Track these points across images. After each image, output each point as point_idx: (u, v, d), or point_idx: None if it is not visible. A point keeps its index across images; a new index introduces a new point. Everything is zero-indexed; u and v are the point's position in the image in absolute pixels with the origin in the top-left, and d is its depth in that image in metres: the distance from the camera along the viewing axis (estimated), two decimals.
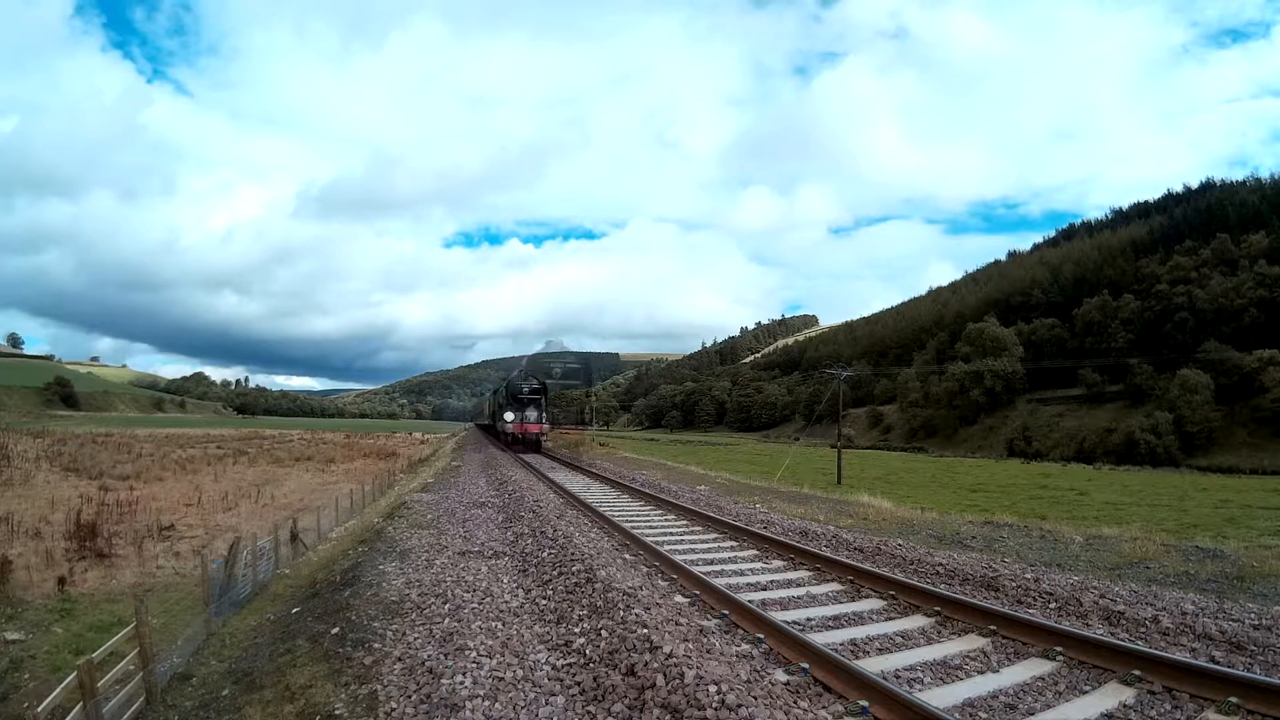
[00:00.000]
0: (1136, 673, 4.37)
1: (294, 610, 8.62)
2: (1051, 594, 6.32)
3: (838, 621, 5.79)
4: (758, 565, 8.01)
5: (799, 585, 7.01)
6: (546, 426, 35.01)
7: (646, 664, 4.29)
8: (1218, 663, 4.61)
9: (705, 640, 4.76)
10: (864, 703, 3.81)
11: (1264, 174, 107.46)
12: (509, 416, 33.46)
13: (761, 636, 5.02)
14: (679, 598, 6.28)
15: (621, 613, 5.30)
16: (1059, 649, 4.85)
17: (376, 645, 5.45)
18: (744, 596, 6.14)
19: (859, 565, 7.38)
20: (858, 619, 5.90)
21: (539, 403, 34.07)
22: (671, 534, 10.11)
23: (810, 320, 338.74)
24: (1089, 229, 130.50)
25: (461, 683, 4.50)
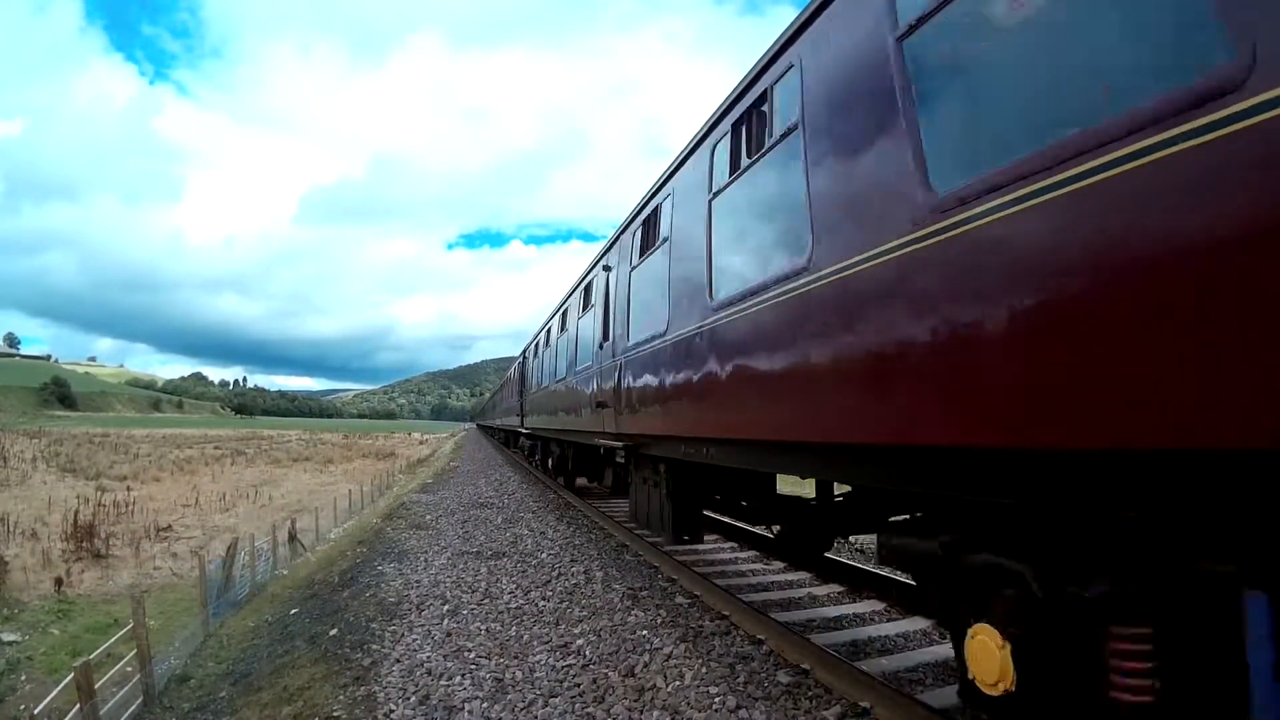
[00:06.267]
0: None
1: (292, 611, 8.61)
2: None
3: None
4: None
5: None
6: None
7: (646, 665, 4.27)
8: None
9: None
10: None
11: None
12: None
13: None
14: None
15: (621, 614, 5.28)
16: None
17: (375, 647, 5.43)
18: None
19: None
20: None
21: None
22: None
23: None
24: None
25: (460, 684, 4.49)
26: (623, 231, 7.42)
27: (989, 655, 2.54)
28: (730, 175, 4.47)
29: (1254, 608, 1.89)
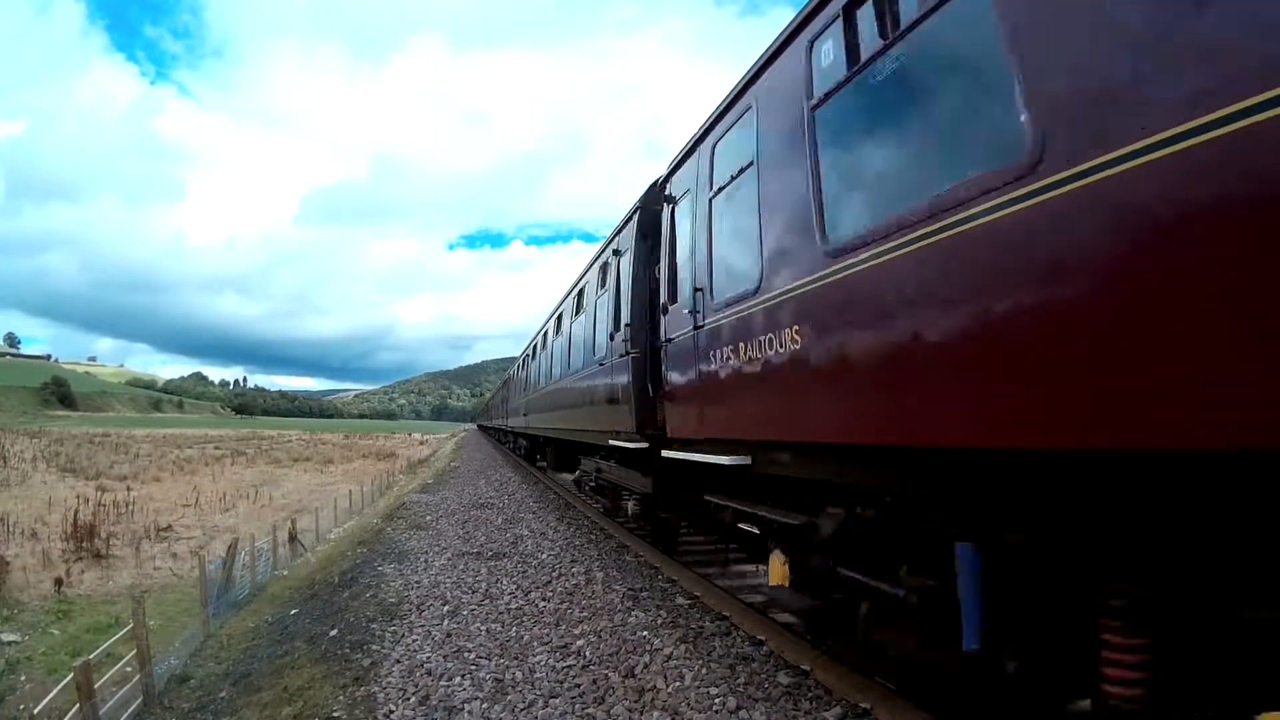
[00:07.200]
0: None
1: (292, 612, 8.60)
2: None
3: None
4: None
5: None
6: None
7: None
8: None
9: None
10: None
11: None
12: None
13: None
14: None
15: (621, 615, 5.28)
16: None
17: (375, 647, 5.43)
18: None
19: None
20: None
21: None
22: None
23: None
24: None
25: (460, 685, 4.48)
26: None
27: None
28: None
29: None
